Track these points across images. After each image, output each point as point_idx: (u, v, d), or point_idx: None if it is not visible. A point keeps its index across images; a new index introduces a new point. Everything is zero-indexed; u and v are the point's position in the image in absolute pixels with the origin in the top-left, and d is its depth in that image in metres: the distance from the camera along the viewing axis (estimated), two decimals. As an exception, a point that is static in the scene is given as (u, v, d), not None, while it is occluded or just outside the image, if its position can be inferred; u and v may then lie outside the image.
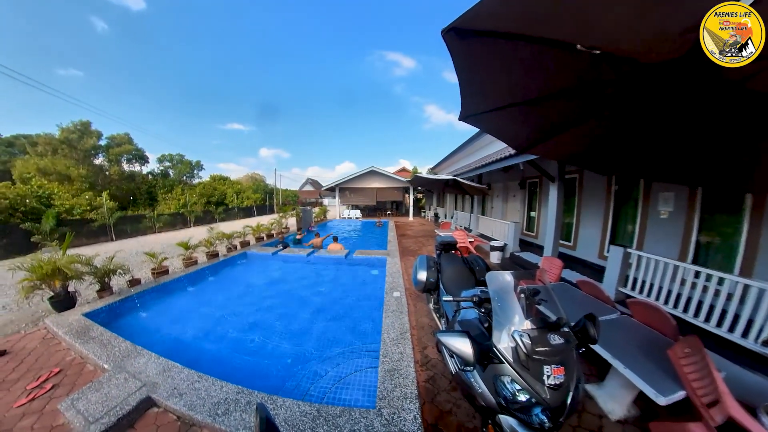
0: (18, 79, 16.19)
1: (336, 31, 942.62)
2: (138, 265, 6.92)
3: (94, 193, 19.01)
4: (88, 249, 8.13)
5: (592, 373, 2.54)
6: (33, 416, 2.32)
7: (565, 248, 6.44)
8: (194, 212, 21.82)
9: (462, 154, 15.50)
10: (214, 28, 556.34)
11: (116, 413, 2.15)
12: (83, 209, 16.07)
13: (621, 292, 3.85)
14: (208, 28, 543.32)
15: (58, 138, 23.37)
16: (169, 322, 4.32)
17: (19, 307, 4.79)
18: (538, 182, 7.92)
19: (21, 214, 13.03)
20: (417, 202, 26.16)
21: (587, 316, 1.44)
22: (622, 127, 1.95)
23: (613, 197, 5.31)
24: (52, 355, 3.22)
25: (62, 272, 4.18)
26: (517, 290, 1.63)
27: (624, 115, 1.79)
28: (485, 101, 1.81)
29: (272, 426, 0.76)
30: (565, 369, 1.27)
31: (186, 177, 35.76)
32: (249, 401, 2.23)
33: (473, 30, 1.16)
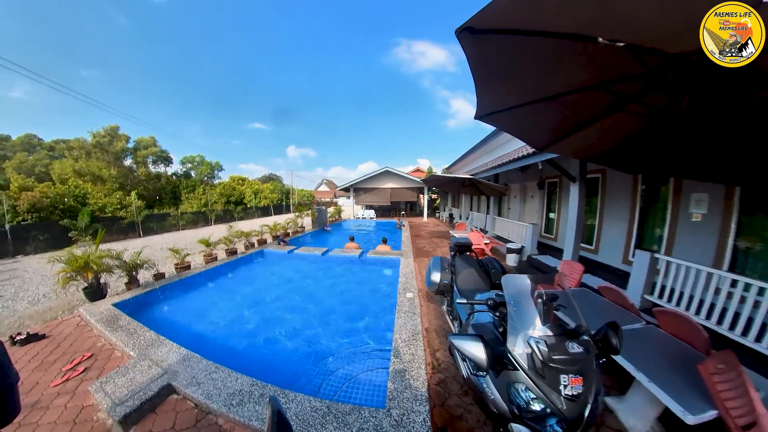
0: (54, 87, 17.43)
1: (358, 23, 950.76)
2: (162, 260, 7.29)
3: (124, 192, 20.18)
4: (118, 244, 8.66)
5: (613, 385, 2.41)
6: (66, 396, 2.51)
7: (586, 252, 6.17)
8: (215, 211, 22.68)
9: (477, 153, 15.22)
10: (232, 29, 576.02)
11: (140, 398, 2.28)
12: (114, 207, 17.17)
13: (647, 300, 3.64)
14: (227, 29, 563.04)
15: (91, 142, 25.06)
16: (189, 315, 4.53)
17: (57, 296, 5.19)
18: (558, 182, 7.63)
19: (60, 212, 14.12)
20: (431, 202, 25.93)
21: (609, 325, 1.37)
22: (650, 122, 1.84)
23: (639, 198, 5.03)
24: (85, 340, 3.46)
25: (94, 265, 4.49)
26: (534, 295, 1.58)
27: (653, 109, 1.69)
28: (502, 99, 1.77)
29: (283, 419, 0.77)
30: (583, 379, 1.22)
31: (207, 177, 37.30)
32: (262, 394, 2.30)
33: (488, 29, 1.13)
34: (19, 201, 12.85)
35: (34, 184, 14.48)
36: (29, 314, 4.40)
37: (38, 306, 4.89)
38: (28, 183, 14.48)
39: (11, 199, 12.70)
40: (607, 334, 1.33)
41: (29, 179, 15.30)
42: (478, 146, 14.51)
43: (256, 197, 32.29)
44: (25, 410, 2.30)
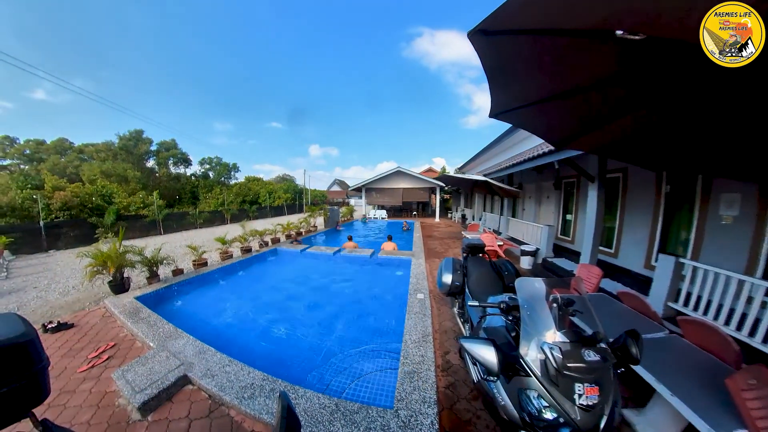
0: (81, 94, 18.43)
1: (376, 13, 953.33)
2: (181, 257, 7.56)
3: (146, 192, 21.10)
4: (140, 241, 9.11)
5: (632, 396, 2.30)
6: (91, 381, 2.67)
7: (605, 255, 5.94)
8: (231, 210, 23.33)
9: (491, 153, 14.95)
10: (249, 29, 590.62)
11: (158, 386, 2.38)
12: (137, 206, 17.99)
13: (670, 307, 3.45)
14: (242, 30, 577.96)
15: (117, 145, 26.49)
16: (205, 309, 4.69)
17: (85, 289, 5.49)
18: (575, 182, 7.38)
19: (88, 210, 14.96)
20: (444, 202, 25.69)
21: (629, 333, 1.30)
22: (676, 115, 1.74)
23: (663, 199, 4.78)
24: (109, 330, 3.66)
25: (118, 260, 4.75)
26: (549, 299, 1.53)
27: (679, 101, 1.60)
28: (517, 97, 1.73)
29: (293, 415, 0.78)
30: (600, 389, 1.17)
31: (224, 178, 38.51)
32: (273, 388, 2.34)
33: (501, 30, 1.11)
34: (52, 200, 13.72)
35: (65, 185, 15.42)
36: (60, 304, 4.68)
37: (68, 297, 5.19)
38: (60, 183, 15.43)
39: (45, 198, 13.55)
40: (627, 342, 1.27)
41: (61, 180, 16.30)
42: (491, 145, 14.25)
43: (270, 197, 33.00)
44: (54, 393, 2.45)
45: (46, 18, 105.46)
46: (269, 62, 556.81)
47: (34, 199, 12.98)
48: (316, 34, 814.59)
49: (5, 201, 12.71)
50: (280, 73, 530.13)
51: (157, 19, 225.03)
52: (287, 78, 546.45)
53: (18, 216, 12.70)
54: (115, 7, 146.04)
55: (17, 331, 0.91)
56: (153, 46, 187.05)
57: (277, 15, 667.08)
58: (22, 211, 12.82)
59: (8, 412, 0.86)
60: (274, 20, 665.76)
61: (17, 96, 79.66)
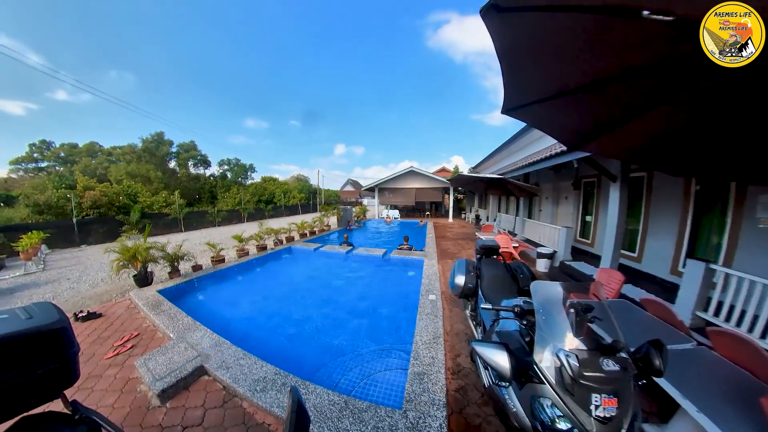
0: (109, 100, 19.54)
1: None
2: (200, 253, 7.84)
3: (168, 192, 22.05)
4: (162, 238, 9.54)
5: (654, 411, 2.17)
6: (116, 368, 2.84)
7: (627, 260, 5.68)
8: (247, 209, 24.00)
9: (505, 152, 14.61)
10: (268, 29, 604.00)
11: (176, 375, 2.49)
12: (160, 205, 18.88)
13: (699, 317, 3.24)
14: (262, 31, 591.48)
15: (141, 147, 27.97)
16: (222, 304, 4.87)
17: (112, 281, 5.81)
18: (596, 182, 7.10)
19: (116, 208, 15.87)
20: (457, 203, 25.35)
21: (652, 343, 1.23)
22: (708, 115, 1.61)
23: (693, 201, 4.52)
24: (133, 321, 3.88)
25: (143, 255, 5.01)
26: (566, 304, 1.47)
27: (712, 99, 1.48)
28: (532, 90, 1.63)
29: (303, 409, 0.79)
30: (618, 401, 1.11)
31: (241, 178, 39.72)
32: (284, 383, 2.39)
33: (516, 6, 1.04)
34: (83, 199, 14.69)
35: (95, 185, 16.40)
36: (89, 295, 4.96)
37: (97, 289, 5.50)
38: (90, 183, 16.45)
39: (77, 197, 14.48)
40: (649, 353, 1.20)
41: (92, 180, 17.34)
42: (505, 145, 13.93)
43: (285, 197, 33.67)
44: (82, 377, 2.60)
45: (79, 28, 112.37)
46: (289, 61, 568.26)
47: (67, 198, 13.90)
48: (333, 27, 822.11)
49: (43, 199, 13.64)
50: (298, 71, 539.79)
51: (174, 22, 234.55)
52: (308, 77, 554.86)
53: (54, 213, 13.60)
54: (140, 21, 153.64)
55: (52, 319, 0.99)
56: (172, 50, 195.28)
57: (292, 11, 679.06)
58: (57, 209, 13.73)
59: (44, 391, 0.93)
60: (290, 16, 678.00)
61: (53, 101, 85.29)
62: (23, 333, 0.89)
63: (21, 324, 0.92)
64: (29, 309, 1.00)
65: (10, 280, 6.38)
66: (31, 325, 0.92)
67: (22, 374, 0.87)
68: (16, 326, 0.90)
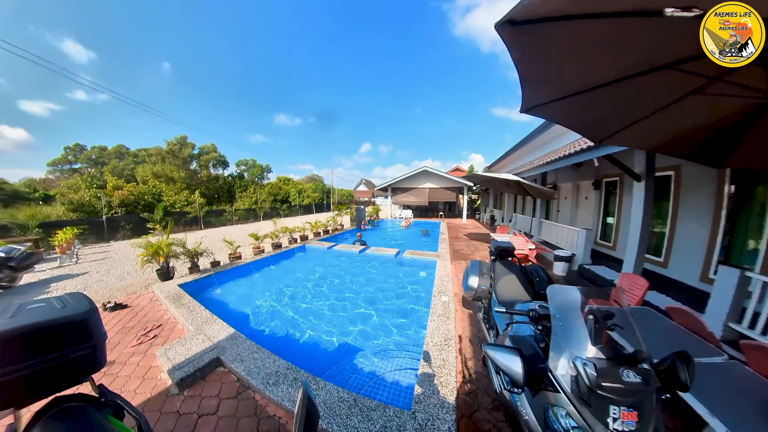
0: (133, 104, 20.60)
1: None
2: (218, 250, 8.10)
3: (189, 191, 23.03)
4: (183, 235, 10.00)
5: (677, 428, 2.03)
6: (139, 356, 3.00)
7: (652, 264, 5.38)
8: (263, 208, 24.65)
9: (522, 150, 14.21)
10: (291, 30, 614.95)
11: (194, 365, 2.60)
12: (182, 204, 19.73)
13: (731, 329, 3.02)
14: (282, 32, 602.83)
15: (165, 150, 29.39)
16: (238, 299, 5.03)
17: (137, 275, 6.13)
18: (618, 181, 6.77)
19: (141, 206, 16.76)
20: (471, 203, 24.94)
21: (678, 354, 1.16)
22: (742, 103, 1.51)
23: (726, 201, 4.22)
24: (156, 312, 4.09)
25: (166, 251, 5.29)
26: (584, 310, 1.41)
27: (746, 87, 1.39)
28: (552, 89, 1.60)
29: (313, 405, 0.81)
30: (638, 415, 1.04)
31: (257, 178, 40.88)
32: (295, 378, 2.44)
33: (530, 19, 1.03)
34: (112, 198, 15.66)
35: (123, 184, 17.40)
36: (117, 287, 5.24)
37: (123, 281, 5.80)
38: (119, 183, 17.50)
39: (107, 196, 15.41)
40: (675, 365, 1.13)
41: (120, 180, 18.40)
42: (522, 143, 13.53)
43: (300, 196, 34.32)
44: (108, 363, 2.76)
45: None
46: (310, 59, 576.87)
47: (98, 197, 14.83)
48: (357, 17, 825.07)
49: (76, 198, 14.60)
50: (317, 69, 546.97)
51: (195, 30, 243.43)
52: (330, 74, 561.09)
53: (86, 211, 14.52)
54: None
55: (83, 308, 1.07)
56: (193, 57, 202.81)
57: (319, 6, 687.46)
58: (89, 207, 14.65)
59: (74, 374, 1.01)
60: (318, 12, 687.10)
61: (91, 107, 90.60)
62: (58, 320, 0.97)
63: (56, 312, 0.99)
64: (63, 299, 1.09)
65: (47, 272, 6.85)
66: (64, 314, 1.00)
67: (56, 357, 0.94)
68: (52, 314, 0.98)
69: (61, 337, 0.97)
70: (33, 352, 0.90)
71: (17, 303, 1.03)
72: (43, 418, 0.88)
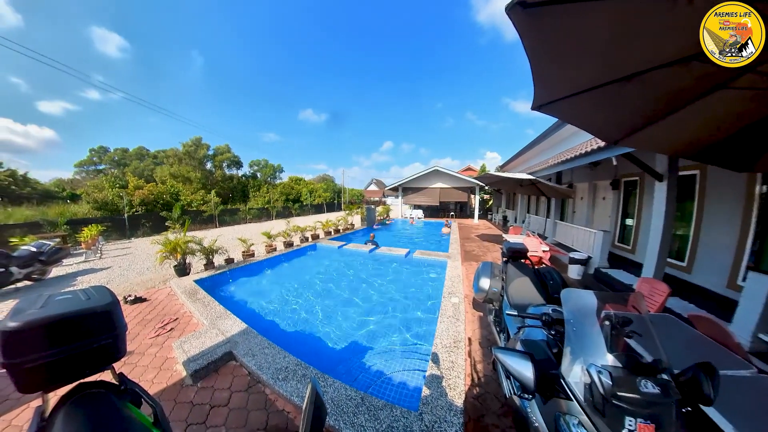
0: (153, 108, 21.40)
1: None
2: (232, 248, 8.31)
3: (205, 191, 23.78)
4: (199, 233, 10.36)
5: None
6: (156, 347, 3.13)
7: (674, 269, 5.14)
8: (276, 207, 25.10)
9: (536, 149, 13.85)
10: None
11: (207, 358, 2.68)
12: (198, 203, 20.42)
13: (761, 340, 2.85)
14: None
15: (182, 151, 30.54)
16: (250, 295, 5.16)
17: (156, 270, 6.39)
18: (639, 181, 6.50)
19: (160, 205, 17.52)
20: (483, 203, 24.56)
21: (701, 366, 1.09)
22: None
23: (757, 203, 3.97)
24: (173, 306, 4.25)
25: (183, 248, 5.49)
26: (601, 315, 1.35)
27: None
28: (564, 84, 1.52)
29: (320, 402, 0.82)
30: (657, 428, 0.99)
31: (270, 178, 41.74)
32: (305, 374, 2.48)
33: (543, 1, 0.98)
34: (133, 197, 16.45)
35: (143, 184, 18.18)
36: (137, 282, 5.48)
37: (143, 276, 6.05)
38: (140, 183, 18.33)
39: (128, 195, 16.16)
40: (698, 377, 1.06)
41: (140, 180, 19.25)
42: (535, 142, 13.20)
43: (311, 196, 34.73)
44: (128, 353, 2.89)
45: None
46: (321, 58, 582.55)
47: (120, 197, 15.57)
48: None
49: (101, 197, 15.37)
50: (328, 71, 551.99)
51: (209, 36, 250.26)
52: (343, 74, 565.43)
53: (109, 209, 15.26)
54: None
55: (106, 301, 1.13)
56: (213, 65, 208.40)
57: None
58: (112, 206, 15.40)
59: (97, 362, 1.07)
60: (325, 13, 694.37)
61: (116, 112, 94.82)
62: (83, 311, 1.03)
63: (82, 304, 1.06)
64: (88, 291, 1.16)
65: (74, 266, 7.23)
66: (89, 305, 1.06)
67: (81, 346, 1.01)
68: (78, 305, 1.04)
69: (86, 327, 1.03)
70: (60, 340, 0.96)
71: (47, 294, 1.10)
72: (68, 402, 0.93)
